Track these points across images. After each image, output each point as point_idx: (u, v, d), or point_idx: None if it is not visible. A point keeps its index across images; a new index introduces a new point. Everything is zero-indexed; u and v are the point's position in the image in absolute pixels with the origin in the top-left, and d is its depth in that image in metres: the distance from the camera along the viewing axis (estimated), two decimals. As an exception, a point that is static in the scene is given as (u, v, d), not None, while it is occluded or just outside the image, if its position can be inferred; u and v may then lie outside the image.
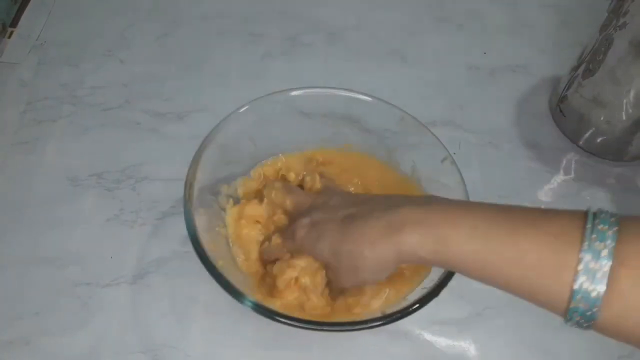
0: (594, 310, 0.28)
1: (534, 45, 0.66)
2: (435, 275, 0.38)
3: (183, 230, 0.38)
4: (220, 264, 0.38)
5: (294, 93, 0.47)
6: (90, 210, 0.51)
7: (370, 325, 0.36)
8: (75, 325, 0.45)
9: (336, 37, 0.65)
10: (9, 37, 0.63)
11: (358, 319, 0.37)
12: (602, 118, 0.54)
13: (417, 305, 0.37)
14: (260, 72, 0.62)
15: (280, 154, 0.49)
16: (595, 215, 0.29)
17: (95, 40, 0.63)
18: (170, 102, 0.59)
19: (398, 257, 0.34)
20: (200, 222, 0.39)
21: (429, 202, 0.35)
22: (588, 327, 0.29)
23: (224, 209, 0.45)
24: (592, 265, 0.28)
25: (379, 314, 0.37)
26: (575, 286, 0.28)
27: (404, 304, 0.37)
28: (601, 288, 0.28)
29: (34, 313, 0.45)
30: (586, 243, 0.28)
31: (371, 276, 0.36)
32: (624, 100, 0.51)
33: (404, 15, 0.68)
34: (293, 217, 0.42)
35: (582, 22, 0.55)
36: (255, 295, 0.39)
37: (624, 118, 0.52)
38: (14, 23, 0.65)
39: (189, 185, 0.40)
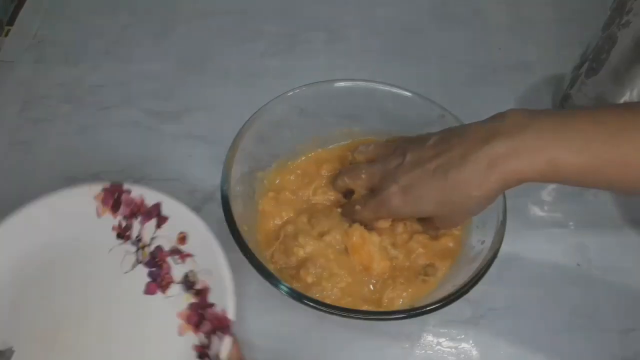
0: None
1: (537, 43, 0.65)
2: (466, 274, 0.39)
3: (183, 232, 0.38)
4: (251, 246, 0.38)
5: (339, 84, 0.47)
6: (87, 211, 0.50)
7: (394, 317, 0.37)
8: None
9: (336, 35, 0.65)
10: (6, 35, 0.63)
11: (383, 309, 0.40)
12: (605, 117, 0.53)
13: (440, 304, 0.37)
14: (259, 70, 0.61)
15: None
16: None
17: (93, 38, 0.63)
18: (169, 101, 0.58)
19: (504, 187, 0.36)
20: (236, 208, 0.40)
21: (516, 126, 0.35)
22: None
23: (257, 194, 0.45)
24: None
25: (407, 307, 0.39)
26: None
27: (429, 299, 0.38)
28: None
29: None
30: None
31: (479, 209, 0.39)
32: (628, 99, 0.50)
33: (405, 13, 0.67)
34: (363, 190, 0.44)
35: (585, 20, 0.54)
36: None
37: (627, 117, 0.52)
38: (11, 21, 0.64)
39: (227, 169, 0.41)
